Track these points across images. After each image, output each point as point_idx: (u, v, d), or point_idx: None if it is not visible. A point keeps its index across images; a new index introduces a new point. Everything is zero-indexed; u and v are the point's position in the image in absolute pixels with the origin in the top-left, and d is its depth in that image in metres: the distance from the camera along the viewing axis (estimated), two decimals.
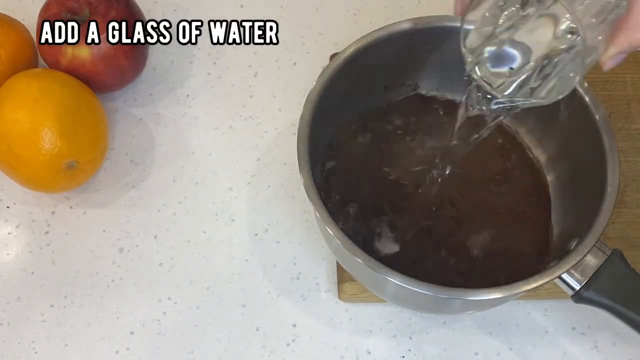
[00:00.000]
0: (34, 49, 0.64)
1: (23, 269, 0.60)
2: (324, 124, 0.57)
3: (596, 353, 0.58)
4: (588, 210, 0.51)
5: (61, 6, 0.61)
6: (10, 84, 0.58)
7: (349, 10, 0.72)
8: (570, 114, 0.55)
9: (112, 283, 0.60)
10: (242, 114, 0.67)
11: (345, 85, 0.55)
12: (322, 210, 0.49)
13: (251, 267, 0.60)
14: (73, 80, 0.60)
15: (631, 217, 0.60)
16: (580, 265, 0.49)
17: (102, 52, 0.61)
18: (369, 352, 0.58)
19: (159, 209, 0.63)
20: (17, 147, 0.57)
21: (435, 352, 0.58)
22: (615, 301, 0.50)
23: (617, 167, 0.51)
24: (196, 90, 0.68)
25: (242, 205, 0.63)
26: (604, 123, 0.52)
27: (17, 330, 0.58)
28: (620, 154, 0.51)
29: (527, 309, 0.59)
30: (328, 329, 0.58)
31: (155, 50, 0.69)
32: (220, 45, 0.70)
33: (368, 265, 0.48)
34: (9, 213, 0.62)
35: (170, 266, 0.60)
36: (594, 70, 0.66)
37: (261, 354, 0.57)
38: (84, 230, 0.62)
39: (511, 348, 0.58)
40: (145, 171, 0.64)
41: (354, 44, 0.55)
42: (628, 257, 0.51)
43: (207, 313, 0.59)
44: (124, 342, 0.58)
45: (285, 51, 0.70)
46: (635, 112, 0.65)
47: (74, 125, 0.58)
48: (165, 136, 0.66)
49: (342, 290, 0.59)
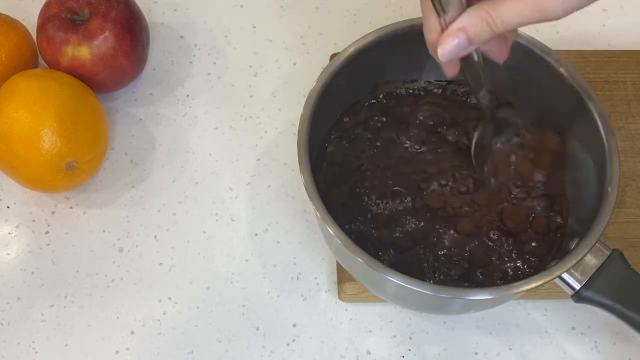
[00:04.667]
0: (34, 49, 0.64)
1: (23, 269, 0.60)
2: (324, 123, 0.57)
3: (596, 353, 0.58)
4: (588, 210, 0.51)
5: (61, 6, 0.61)
6: (10, 84, 0.58)
7: (349, 10, 0.72)
8: (569, 114, 0.55)
9: (112, 283, 0.60)
10: (242, 114, 0.67)
11: (345, 85, 0.55)
12: (322, 210, 0.49)
13: (251, 267, 0.60)
14: (73, 80, 0.60)
15: (631, 217, 0.60)
16: (580, 265, 0.49)
17: (102, 52, 0.61)
18: (369, 352, 0.58)
19: (159, 209, 0.63)
20: (17, 147, 0.57)
21: (435, 352, 0.58)
22: (615, 301, 0.50)
23: (617, 167, 0.51)
24: (196, 90, 0.68)
25: (242, 205, 0.63)
26: (604, 123, 0.52)
27: (17, 330, 0.58)
28: (620, 154, 0.51)
29: (527, 309, 0.59)
30: (328, 329, 0.58)
31: (155, 50, 0.69)
32: (220, 45, 0.70)
33: (368, 265, 0.48)
34: (9, 213, 0.62)
35: (170, 266, 0.60)
36: (594, 70, 0.67)
37: (261, 354, 0.57)
38: (84, 230, 0.62)
39: (511, 348, 0.58)
40: (145, 171, 0.64)
41: (354, 44, 0.55)
42: (628, 257, 0.51)
43: (207, 313, 0.59)
44: (124, 342, 0.58)
45: (285, 51, 0.70)
46: (635, 112, 0.65)
47: (74, 125, 0.58)
48: (165, 136, 0.66)
49: (342, 290, 0.59)
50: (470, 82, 0.50)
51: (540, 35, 0.56)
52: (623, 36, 0.71)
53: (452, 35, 0.43)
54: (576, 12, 0.42)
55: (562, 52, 0.56)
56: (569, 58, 0.55)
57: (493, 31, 0.43)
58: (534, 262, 0.54)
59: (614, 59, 0.67)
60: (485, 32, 0.43)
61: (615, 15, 0.72)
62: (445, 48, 0.44)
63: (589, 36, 0.71)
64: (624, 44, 0.70)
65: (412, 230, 0.55)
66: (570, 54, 0.66)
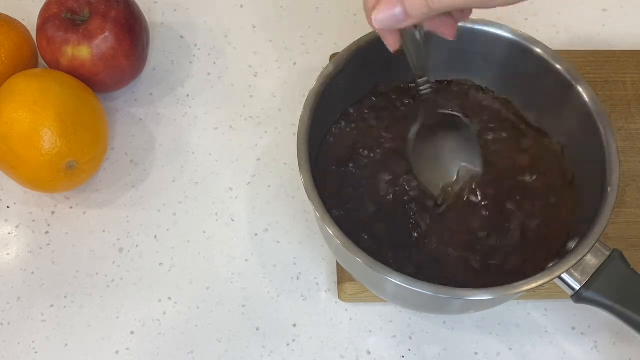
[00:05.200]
0: (34, 49, 0.64)
1: (23, 269, 0.60)
2: (324, 123, 0.57)
3: (596, 353, 0.58)
4: (588, 210, 0.51)
5: (61, 6, 0.61)
6: (10, 84, 0.58)
7: (349, 10, 0.72)
8: (569, 115, 0.55)
9: (112, 283, 0.60)
10: (242, 114, 0.67)
11: (345, 85, 0.55)
12: (322, 210, 0.49)
13: (251, 267, 0.60)
14: (73, 80, 0.60)
15: (631, 217, 0.60)
16: (580, 265, 0.49)
17: (102, 52, 0.61)
18: (369, 352, 0.58)
19: (159, 209, 0.63)
20: (17, 147, 0.57)
21: (435, 352, 0.58)
22: (615, 301, 0.50)
23: (617, 167, 0.51)
24: (196, 90, 0.68)
25: (242, 205, 0.63)
26: (603, 123, 0.52)
27: (17, 330, 0.58)
28: (620, 154, 0.51)
29: (527, 309, 0.59)
30: (328, 329, 0.58)
31: (155, 50, 0.69)
32: (220, 45, 0.70)
33: (368, 265, 0.48)
34: (9, 213, 0.62)
35: (170, 266, 0.60)
36: (594, 70, 0.67)
37: (261, 354, 0.57)
38: (84, 230, 0.62)
39: (511, 348, 0.58)
40: (145, 171, 0.64)
41: (353, 44, 0.55)
42: (628, 257, 0.51)
43: (207, 313, 0.59)
44: (124, 342, 0.58)
45: (285, 51, 0.70)
46: (635, 112, 0.65)
47: (74, 125, 0.58)
48: (165, 136, 0.66)
49: (342, 290, 0.59)
50: (411, 63, 0.50)
51: (540, 35, 0.56)
52: (623, 36, 0.71)
53: (389, 3, 0.43)
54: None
55: (562, 52, 0.56)
56: (569, 58, 0.55)
57: (430, 9, 0.42)
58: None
59: (614, 59, 0.67)
60: (422, 8, 0.42)
61: (615, 15, 0.72)
62: (380, 14, 0.43)
63: (589, 36, 0.71)
64: (624, 44, 0.70)
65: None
66: (570, 54, 0.66)
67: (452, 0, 0.41)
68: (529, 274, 0.48)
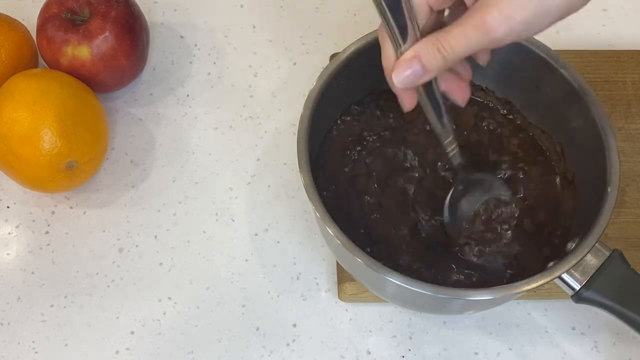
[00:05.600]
0: (34, 49, 0.64)
1: (23, 269, 0.60)
2: (324, 124, 0.57)
3: (596, 353, 0.58)
4: (588, 210, 0.51)
5: (61, 6, 0.61)
6: (10, 84, 0.58)
7: (349, 10, 0.72)
8: (570, 115, 0.55)
9: (112, 283, 0.60)
10: (242, 114, 0.67)
11: (345, 85, 0.55)
12: (322, 210, 0.49)
13: (251, 267, 0.60)
14: (73, 80, 0.60)
15: (631, 217, 0.60)
16: (580, 265, 0.49)
17: (102, 52, 0.61)
18: (369, 352, 0.58)
19: (159, 209, 0.63)
20: (17, 147, 0.57)
21: (435, 352, 0.58)
22: (615, 301, 0.50)
23: (617, 167, 0.51)
24: (196, 90, 0.68)
25: (242, 205, 0.63)
26: (604, 123, 0.52)
27: (17, 330, 0.58)
28: (620, 154, 0.51)
29: (527, 309, 0.59)
30: (328, 329, 0.58)
31: (155, 50, 0.69)
32: (220, 45, 0.70)
33: (368, 265, 0.48)
34: (9, 213, 0.62)
35: (170, 266, 0.60)
36: (594, 70, 0.67)
37: (261, 354, 0.57)
38: (84, 230, 0.62)
39: (511, 348, 0.58)
40: (145, 171, 0.64)
41: (354, 44, 0.55)
42: (628, 257, 0.51)
43: (207, 313, 0.59)
44: (124, 342, 0.58)
45: (285, 51, 0.70)
46: (635, 112, 0.65)
47: (74, 125, 0.58)
48: (165, 136, 0.66)
49: (342, 290, 0.59)
50: (433, 127, 0.50)
51: (540, 35, 0.56)
52: (623, 36, 0.71)
53: (407, 62, 0.44)
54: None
55: (562, 52, 0.56)
56: (569, 58, 0.55)
57: (445, 58, 0.43)
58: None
59: (614, 59, 0.67)
60: (438, 59, 0.43)
61: (615, 15, 0.72)
62: (400, 74, 0.44)
63: (589, 36, 0.71)
64: (624, 44, 0.70)
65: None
66: (570, 54, 0.66)
67: (460, 41, 0.42)
68: (529, 274, 0.48)
